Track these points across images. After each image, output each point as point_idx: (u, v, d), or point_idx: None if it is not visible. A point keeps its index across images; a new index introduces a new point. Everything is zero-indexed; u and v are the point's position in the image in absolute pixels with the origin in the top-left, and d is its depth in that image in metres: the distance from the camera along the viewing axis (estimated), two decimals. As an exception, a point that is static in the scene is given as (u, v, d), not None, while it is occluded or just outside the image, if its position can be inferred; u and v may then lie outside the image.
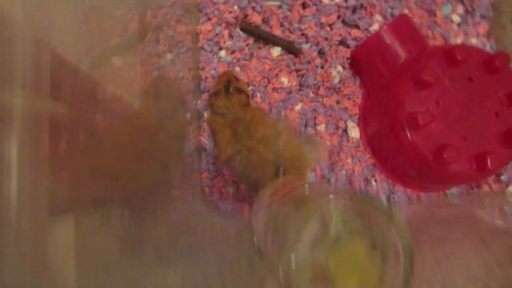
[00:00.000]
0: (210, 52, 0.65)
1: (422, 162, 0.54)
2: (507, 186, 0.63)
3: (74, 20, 0.55)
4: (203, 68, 0.63)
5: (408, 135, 0.53)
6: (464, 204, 0.64)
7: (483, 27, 0.70)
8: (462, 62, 0.54)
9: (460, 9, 0.70)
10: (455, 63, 0.54)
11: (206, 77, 0.63)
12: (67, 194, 0.39)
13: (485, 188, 0.64)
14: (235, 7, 0.65)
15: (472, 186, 0.64)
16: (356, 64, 0.64)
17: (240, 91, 0.56)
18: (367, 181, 0.62)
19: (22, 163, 0.23)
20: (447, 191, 0.64)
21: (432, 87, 0.53)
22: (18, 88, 0.24)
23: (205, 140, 0.61)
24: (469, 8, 0.70)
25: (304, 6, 0.66)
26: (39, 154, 0.25)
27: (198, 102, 0.62)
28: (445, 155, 0.50)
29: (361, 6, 0.66)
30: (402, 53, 0.58)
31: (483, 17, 0.70)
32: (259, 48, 0.65)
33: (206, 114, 0.62)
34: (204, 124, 0.62)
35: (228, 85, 0.56)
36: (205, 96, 0.63)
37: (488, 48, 0.69)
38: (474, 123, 0.54)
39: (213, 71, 0.63)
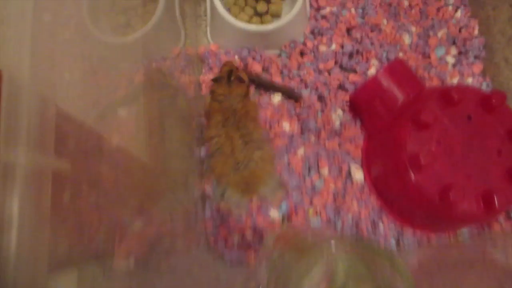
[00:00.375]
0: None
1: (428, 203, 0.53)
2: (518, 224, 0.62)
3: (82, 73, 0.58)
4: (206, 117, 0.65)
5: (412, 176, 0.53)
6: (477, 245, 0.62)
7: (477, 67, 0.71)
8: (459, 101, 0.55)
9: (453, 50, 0.72)
10: (453, 102, 0.55)
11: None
12: (69, 247, 0.39)
13: (496, 227, 0.62)
14: (236, 57, 0.67)
15: (482, 225, 0.63)
16: (355, 107, 0.65)
17: (241, 80, 0.58)
18: (374, 224, 0.61)
19: (22, 220, 0.23)
20: (458, 232, 0.62)
21: (432, 127, 0.54)
22: (22, 145, 0.24)
23: (209, 187, 0.61)
24: (462, 50, 0.72)
25: (302, 53, 0.68)
26: (40, 209, 0.26)
27: (201, 149, 0.63)
28: (451, 195, 0.50)
29: (357, 51, 0.68)
30: (400, 95, 0.59)
31: (476, 57, 0.72)
32: (260, 95, 0.67)
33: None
34: (208, 171, 0.62)
35: (230, 74, 0.58)
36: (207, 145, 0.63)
37: (484, 86, 0.70)
38: (477, 162, 0.54)
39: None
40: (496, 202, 0.51)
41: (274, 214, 0.59)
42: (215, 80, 0.60)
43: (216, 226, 0.59)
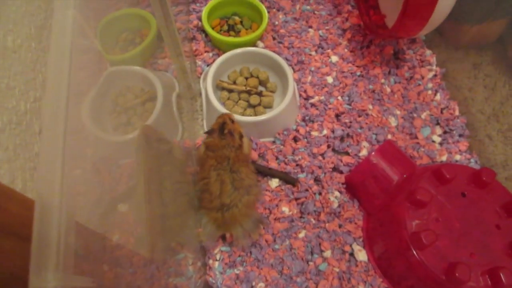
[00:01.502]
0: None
1: (435, 282, 0.52)
2: (528, 300, 0.60)
3: (85, 173, 0.59)
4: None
5: (416, 255, 0.53)
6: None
7: (463, 144, 0.75)
8: (452, 179, 0.57)
9: (438, 130, 0.76)
10: (445, 180, 0.57)
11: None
12: None
13: (507, 304, 0.61)
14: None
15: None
16: (352, 188, 0.67)
17: (232, 134, 0.60)
18: (383, 307, 0.59)
19: None
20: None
21: (429, 206, 0.55)
22: (51, 270, 0.25)
23: (212, 279, 0.59)
24: (446, 129, 0.76)
25: (295, 139, 0.72)
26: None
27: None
28: (457, 274, 0.50)
29: (348, 135, 0.72)
30: (393, 175, 0.61)
31: (461, 135, 0.76)
32: (258, 181, 0.69)
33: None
34: (210, 262, 0.61)
35: (223, 127, 0.60)
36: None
37: (472, 162, 0.73)
38: (478, 238, 0.54)
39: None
40: (503, 279, 0.50)
41: (280, 303, 0.57)
42: (208, 133, 0.62)
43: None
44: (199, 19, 0.85)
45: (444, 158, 0.72)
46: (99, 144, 0.66)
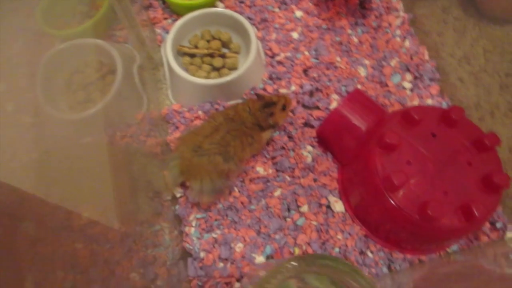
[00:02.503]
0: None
1: (410, 223, 0.52)
2: (504, 232, 0.61)
3: (42, 154, 0.58)
4: (178, 173, 0.64)
5: (389, 198, 0.53)
6: (468, 260, 0.61)
7: (434, 88, 0.74)
8: (420, 121, 0.56)
9: (408, 76, 0.75)
10: (414, 122, 0.56)
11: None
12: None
13: (484, 238, 0.61)
14: (199, 112, 0.68)
15: (470, 239, 0.62)
16: (324, 141, 0.66)
17: (269, 117, 0.61)
18: (363, 254, 0.59)
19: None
20: (448, 249, 0.61)
21: (399, 148, 0.55)
22: None
23: (189, 245, 0.59)
24: (417, 74, 0.75)
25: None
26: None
27: (176, 207, 0.62)
28: (429, 211, 0.49)
29: (317, 89, 0.70)
30: (363, 123, 0.60)
31: (432, 79, 0.75)
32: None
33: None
34: (186, 229, 0.60)
35: (271, 105, 0.61)
36: (182, 200, 0.62)
37: (444, 105, 0.73)
38: (450, 176, 0.54)
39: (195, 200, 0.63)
40: (475, 212, 0.50)
41: (259, 259, 0.57)
42: (257, 96, 0.63)
43: (202, 284, 0.57)
44: (155, -15, 0.81)
45: (416, 103, 0.72)
46: (56, 124, 0.64)
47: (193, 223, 0.60)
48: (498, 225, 0.62)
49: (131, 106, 0.70)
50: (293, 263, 0.39)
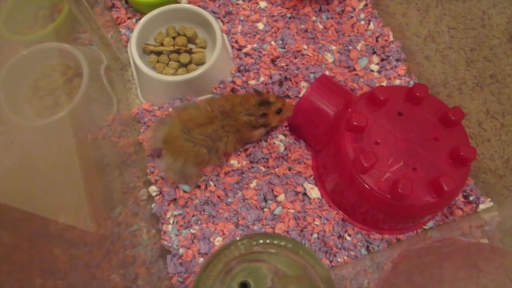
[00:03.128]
0: (158, 156, 0.66)
1: (383, 203, 0.53)
2: (477, 205, 0.63)
3: (13, 161, 0.57)
4: (152, 173, 0.64)
5: (360, 180, 0.53)
6: (445, 235, 0.62)
7: (401, 68, 0.75)
8: (386, 100, 0.57)
9: (375, 59, 0.76)
10: (380, 103, 0.57)
11: (156, 180, 0.63)
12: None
13: (458, 213, 0.63)
14: (170, 109, 0.68)
15: (445, 214, 0.63)
16: (295, 129, 0.67)
17: (261, 118, 0.61)
18: (341, 238, 0.60)
19: None
20: (424, 227, 0.63)
21: (367, 130, 0.55)
22: None
23: (168, 243, 0.59)
24: (383, 56, 0.76)
25: (233, 91, 0.70)
26: None
27: (153, 206, 0.62)
28: (400, 190, 0.50)
29: (286, 78, 0.71)
30: (332, 108, 0.61)
31: (398, 60, 0.76)
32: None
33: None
34: (164, 226, 0.60)
35: (268, 104, 0.61)
36: (158, 198, 0.62)
37: (412, 84, 0.74)
38: (419, 153, 0.55)
39: (162, 173, 0.63)
40: (444, 186, 0.51)
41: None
42: (256, 92, 0.63)
43: (183, 280, 0.57)
44: (115, -16, 0.80)
45: (384, 84, 0.73)
46: (24, 131, 0.63)
47: (171, 220, 0.60)
48: (472, 198, 0.63)
49: (101, 108, 0.70)
50: (241, 242, 0.43)
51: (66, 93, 0.68)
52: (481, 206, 0.63)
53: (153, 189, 0.62)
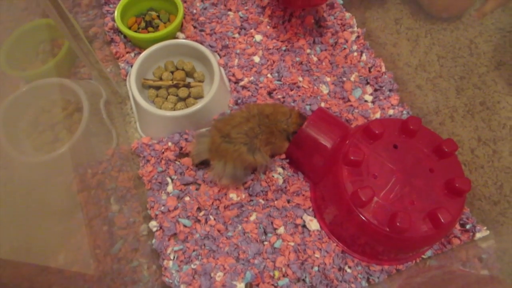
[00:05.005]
0: (158, 190, 0.66)
1: (382, 235, 0.54)
2: (474, 233, 0.64)
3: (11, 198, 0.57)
4: (152, 207, 0.64)
5: (359, 213, 0.54)
6: (444, 264, 0.63)
7: (394, 98, 0.77)
8: (381, 134, 0.58)
9: (369, 89, 0.78)
10: (375, 136, 0.58)
11: (156, 215, 0.63)
12: None
13: (456, 241, 0.64)
14: (169, 143, 0.68)
15: (443, 243, 0.64)
16: (293, 162, 0.68)
17: (294, 132, 0.64)
18: (342, 270, 0.60)
19: None
20: (423, 256, 0.63)
21: (364, 163, 0.57)
22: None
23: (169, 279, 0.59)
24: (377, 87, 0.78)
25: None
26: None
27: (153, 241, 0.62)
28: (398, 223, 0.51)
29: (282, 110, 0.72)
30: (329, 140, 0.62)
31: (391, 90, 0.78)
32: (206, 172, 0.68)
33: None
34: (165, 262, 0.60)
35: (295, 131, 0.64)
36: (158, 233, 0.62)
37: (405, 114, 0.75)
38: (416, 185, 0.56)
39: (162, 207, 0.64)
40: (441, 218, 0.52)
41: (240, 286, 0.57)
42: (300, 115, 0.65)
43: (185, 317, 0.56)
44: (114, 20, 0.82)
45: (378, 115, 0.74)
46: (23, 167, 0.63)
47: (171, 256, 0.60)
48: (468, 226, 0.64)
49: (101, 142, 0.70)
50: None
51: (67, 128, 0.69)
52: (478, 235, 0.64)
53: (153, 224, 0.63)
